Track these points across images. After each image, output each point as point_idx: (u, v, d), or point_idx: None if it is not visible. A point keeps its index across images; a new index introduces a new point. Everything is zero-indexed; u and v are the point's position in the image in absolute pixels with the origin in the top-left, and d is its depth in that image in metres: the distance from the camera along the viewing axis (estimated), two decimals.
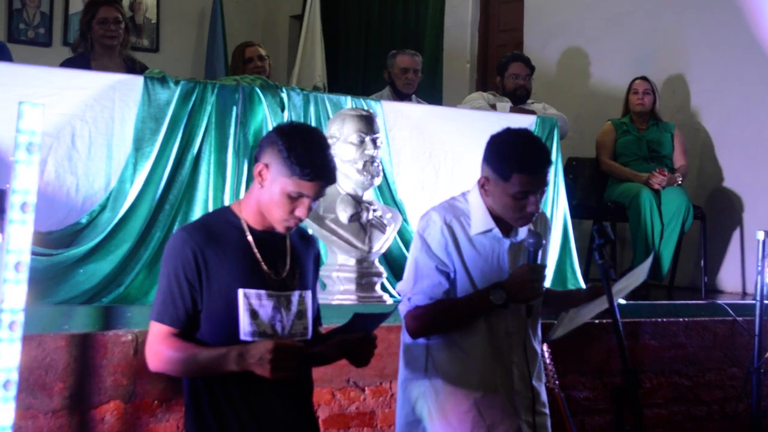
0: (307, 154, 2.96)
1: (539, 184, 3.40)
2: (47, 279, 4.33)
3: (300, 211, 3.00)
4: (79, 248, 4.47)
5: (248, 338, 2.98)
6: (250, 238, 3.06)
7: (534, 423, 3.54)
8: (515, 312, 3.48)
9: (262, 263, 3.05)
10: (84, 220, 4.55)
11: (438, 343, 3.54)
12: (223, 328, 2.98)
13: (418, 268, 3.51)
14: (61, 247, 4.45)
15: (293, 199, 2.98)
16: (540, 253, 3.43)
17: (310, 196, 2.99)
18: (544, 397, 3.69)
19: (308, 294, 3.20)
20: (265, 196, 3.01)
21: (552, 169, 5.80)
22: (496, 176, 3.41)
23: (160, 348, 2.95)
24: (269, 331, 3.02)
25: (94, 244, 4.51)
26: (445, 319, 3.49)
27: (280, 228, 3.05)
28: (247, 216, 3.08)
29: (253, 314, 3.00)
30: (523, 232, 3.55)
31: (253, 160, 3.08)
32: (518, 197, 3.38)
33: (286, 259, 3.12)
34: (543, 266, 3.44)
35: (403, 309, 3.54)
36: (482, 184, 3.48)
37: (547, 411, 3.70)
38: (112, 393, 4.07)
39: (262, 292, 3.03)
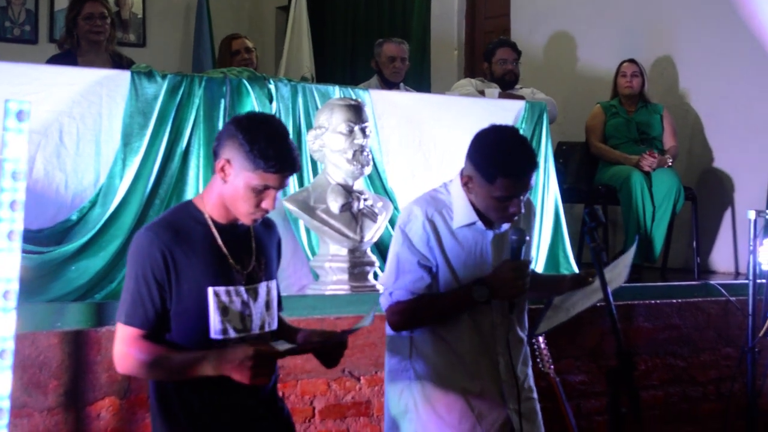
0: (270, 146, 2.91)
1: (524, 188, 3.34)
2: (39, 277, 4.33)
3: (267, 203, 2.96)
4: (70, 245, 4.47)
5: (218, 336, 2.96)
6: (215, 233, 3.00)
7: (520, 410, 3.52)
8: (499, 305, 3.46)
9: (229, 258, 3.01)
10: (74, 217, 4.54)
11: (422, 334, 3.51)
12: (193, 326, 2.95)
13: (399, 263, 3.46)
14: (52, 244, 4.45)
15: (259, 192, 2.93)
16: (524, 248, 3.39)
17: (275, 188, 2.95)
18: (530, 382, 3.67)
19: (273, 284, 3.18)
20: (229, 190, 2.95)
21: (540, 165, 5.86)
22: (480, 177, 3.34)
23: (130, 351, 2.90)
24: (239, 326, 3.00)
25: (85, 241, 4.51)
26: (427, 314, 3.46)
27: (246, 221, 3.01)
28: (211, 210, 3.02)
29: (224, 311, 2.97)
30: (506, 225, 3.50)
31: (213, 153, 3.02)
32: (502, 200, 3.33)
33: (252, 251, 3.09)
34: (526, 262, 3.40)
35: (384, 303, 3.50)
36: (465, 182, 3.42)
37: (535, 396, 3.68)
38: (107, 389, 4.06)
39: (231, 288, 3.00)
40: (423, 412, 3.51)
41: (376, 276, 4.99)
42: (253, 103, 4.98)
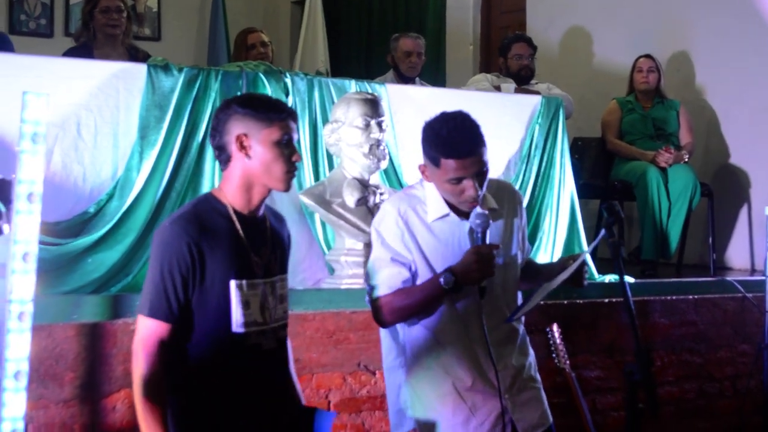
0: (266, 100, 3.10)
1: (471, 168, 3.31)
2: (56, 269, 4.33)
3: (296, 156, 3.02)
4: (88, 237, 4.48)
5: (240, 329, 2.96)
6: (238, 226, 3.01)
7: (518, 400, 3.51)
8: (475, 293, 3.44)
9: (250, 251, 3.01)
10: (92, 210, 4.55)
11: (411, 330, 3.52)
12: (215, 320, 2.95)
13: (375, 261, 3.47)
14: (69, 236, 4.45)
15: (284, 145, 2.99)
16: (488, 233, 3.37)
17: (293, 135, 3.03)
18: (531, 371, 3.64)
19: (286, 278, 3.20)
20: (257, 161, 2.98)
21: (556, 160, 5.84)
22: (429, 163, 3.37)
23: (144, 353, 2.88)
24: (260, 318, 3.01)
25: (102, 234, 4.51)
26: (405, 307, 3.43)
27: (283, 186, 3.02)
28: (233, 200, 3.03)
29: (246, 304, 2.97)
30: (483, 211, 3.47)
31: (216, 149, 3.05)
32: (453, 183, 3.32)
33: (268, 243, 3.10)
34: (490, 246, 3.34)
35: (367, 301, 3.52)
36: (423, 172, 3.44)
37: (537, 384, 3.65)
38: (122, 382, 4.06)
39: (252, 281, 3.00)
40: (420, 406, 3.53)
41: None
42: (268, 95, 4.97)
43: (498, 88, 6.95)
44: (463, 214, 3.44)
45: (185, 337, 2.94)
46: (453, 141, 3.29)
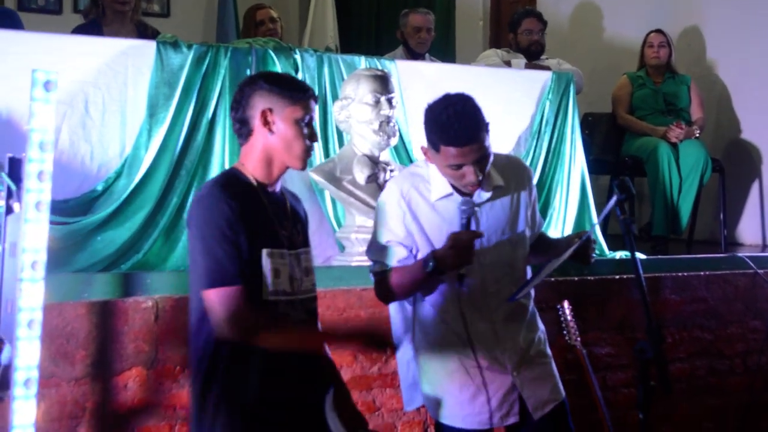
0: (291, 79, 3.23)
1: (471, 156, 3.30)
2: (65, 247, 4.33)
3: (314, 136, 3.11)
4: (96, 215, 4.47)
5: (271, 297, 2.98)
6: (263, 197, 3.06)
7: (527, 377, 3.53)
8: (478, 276, 3.47)
9: (275, 222, 3.06)
10: (100, 188, 4.54)
11: (419, 307, 3.55)
12: (249, 287, 2.94)
13: (375, 238, 3.52)
14: (78, 215, 4.44)
15: (305, 124, 3.07)
16: (473, 219, 3.39)
17: (313, 116, 3.11)
18: (542, 346, 3.65)
19: (310, 251, 3.23)
20: (278, 137, 3.05)
21: (567, 136, 5.82)
22: (430, 147, 3.38)
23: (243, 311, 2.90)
24: (288, 288, 3.04)
25: (111, 211, 4.50)
26: (397, 285, 3.46)
27: (300, 164, 3.09)
28: (254, 173, 3.08)
29: (275, 272, 3.00)
30: (486, 194, 3.50)
31: (238, 122, 3.10)
32: (453, 168, 3.33)
33: (289, 217, 3.14)
34: (471, 234, 3.32)
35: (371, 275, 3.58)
36: (425, 153, 3.44)
37: (546, 359, 3.65)
38: (134, 360, 4.07)
39: (281, 251, 3.03)
40: (427, 383, 3.56)
41: None
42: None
43: (508, 64, 6.92)
44: (467, 193, 3.45)
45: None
46: (453, 128, 3.27)
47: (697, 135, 6.89)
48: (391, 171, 4.86)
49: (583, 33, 8.59)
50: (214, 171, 4.74)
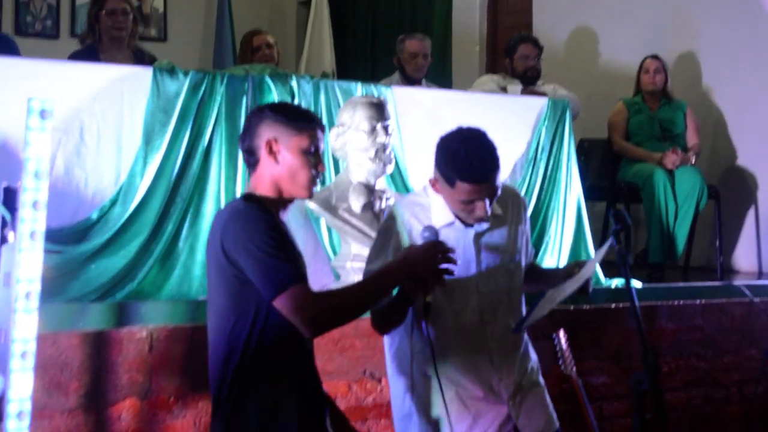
0: (298, 108, 3.23)
1: (485, 192, 3.31)
2: (60, 275, 4.31)
3: (321, 166, 3.11)
4: (91, 244, 4.46)
5: None
6: (277, 219, 3.07)
7: (523, 407, 3.52)
8: (476, 302, 3.46)
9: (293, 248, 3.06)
10: (95, 216, 4.52)
11: (414, 338, 3.51)
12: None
13: (369, 266, 3.49)
14: (72, 243, 4.43)
15: (311, 154, 3.07)
16: (474, 247, 3.44)
17: (320, 145, 3.11)
18: (535, 376, 3.64)
19: None
20: (284, 167, 3.06)
21: (563, 162, 5.82)
22: (442, 180, 3.35)
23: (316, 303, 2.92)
24: None
25: (106, 240, 4.49)
26: (375, 312, 3.46)
27: (306, 193, 3.09)
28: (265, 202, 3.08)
29: None
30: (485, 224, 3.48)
31: (246, 152, 3.12)
32: (465, 202, 3.33)
33: (294, 244, 3.12)
34: (446, 247, 3.24)
35: None
36: (433, 185, 3.42)
37: (539, 389, 3.63)
38: (127, 390, 4.05)
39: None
40: (424, 413, 3.52)
41: None
42: (275, 100, 4.94)
43: (504, 89, 6.93)
44: (468, 223, 3.45)
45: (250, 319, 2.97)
46: (470, 165, 3.27)
47: (693, 161, 6.89)
48: (387, 199, 4.85)
49: (579, 58, 8.60)
50: (210, 198, 4.73)
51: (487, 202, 3.33)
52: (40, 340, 3.13)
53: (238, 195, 4.71)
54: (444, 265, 3.11)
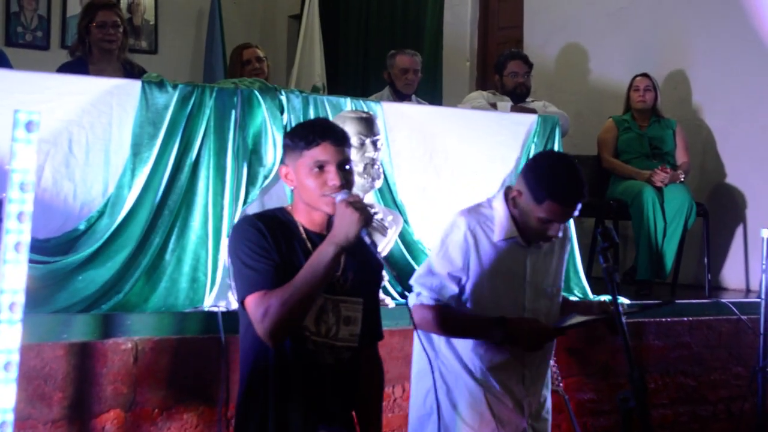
0: (302, 127, 3.20)
1: (567, 216, 3.49)
2: (45, 287, 4.28)
3: (331, 180, 3.04)
4: (78, 255, 4.43)
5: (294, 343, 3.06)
6: (305, 237, 3.10)
7: (536, 428, 3.66)
8: None
9: None
10: (82, 227, 4.51)
11: (455, 341, 3.62)
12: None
13: (431, 266, 3.60)
14: (59, 254, 4.40)
15: (319, 172, 3.05)
16: (528, 263, 3.61)
17: (329, 161, 3.06)
18: (548, 404, 3.79)
19: (359, 301, 3.21)
20: (301, 189, 3.11)
21: None
22: (529, 195, 3.47)
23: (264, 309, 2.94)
24: (312, 328, 3.07)
25: (93, 251, 4.46)
26: (444, 328, 3.57)
27: (328, 208, 3.06)
28: (300, 218, 3.14)
29: None
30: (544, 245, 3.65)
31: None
32: (544, 221, 3.46)
33: (339, 264, 3.10)
34: (548, 330, 3.53)
35: (411, 301, 3.62)
36: (514, 197, 3.53)
37: (549, 417, 3.80)
38: (112, 402, 4.04)
39: None
40: (446, 414, 3.60)
41: (386, 291, 4.96)
42: (264, 114, 4.94)
43: (494, 106, 6.93)
44: (527, 240, 3.59)
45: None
46: (566, 189, 3.45)
47: (682, 179, 6.90)
48: (375, 213, 4.84)
49: (570, 76, 8.62)
50: (198, 211, 4.72)
51: (561, 226, 3.51)
52: (24, 351, 3.12)
53: (226, 208, 4.72)
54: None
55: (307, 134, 3.10)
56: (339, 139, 3.11)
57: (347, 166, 3.11)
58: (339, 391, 3.17)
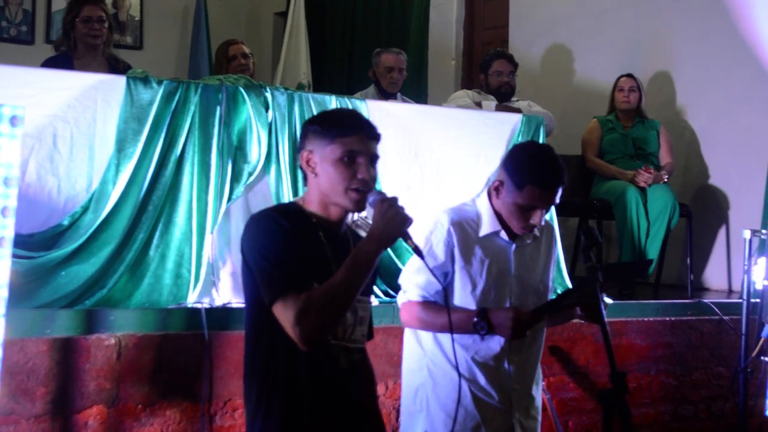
0: (335, 114, 3.12)
1: (549, 201, 3.50)
2: (28, 282, 4.27)
3: (361, 172, 2.92)
4: (62, 250, 4.42)
5: None
6: (321, 233, 2.95)
7: (524, 425, 3.66)
8: None
9: (332, 263, 2.91)
10: (66, 222, 4.50)
11: (440, 336, 3.62)
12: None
13: (415, 267, 3.61)
14: (42, 249, 4.39)
15: (349, 163, 2.92)
16: (513, 257, 3.61)
17: (362, 152, 2.93)
18: (538, 402, 3.80)
19: (368, 302, 3.15)
20: (323, 178, 2.94)
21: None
22: (510, 182, 3.50)
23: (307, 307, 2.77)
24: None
25: (77, 246, 4.45)
26: (429, 322, 3.57)
27: (349, 204, 2.94)
28: (315, 212, 2.99)
29: None
30: (528, 238, 3.68)
31: (300, 167, 3.07)
32: (526, 208, 3.49)
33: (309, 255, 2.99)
34: (528, 315, 3.46)
35: (399, 300, 3.66)
36: (496, 187, 3.57)
37: (539, 417, 3.81)
38: (95, 397, 4.03)
39: None
40: (434, 410, 3.62)
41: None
42: (249, 111, 4.94)
43: (479, 105, 6.94)
44: (511, 236, 3.61)
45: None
46: (548, 171, 3.47)
47: (666, 180, 6.93)
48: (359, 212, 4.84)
49: (554, 76, 8.64)
50: (182, 208, 4.71)
51: (543, 212, 3.52)
52: (7, 346, 3.12)
53: (210, 204, 4.71)
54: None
55: (343, 121, 2.98)
56: (374, 133, 3.01)
57: (375, 164, 3.00)
58: (352, 397, 3.06)
